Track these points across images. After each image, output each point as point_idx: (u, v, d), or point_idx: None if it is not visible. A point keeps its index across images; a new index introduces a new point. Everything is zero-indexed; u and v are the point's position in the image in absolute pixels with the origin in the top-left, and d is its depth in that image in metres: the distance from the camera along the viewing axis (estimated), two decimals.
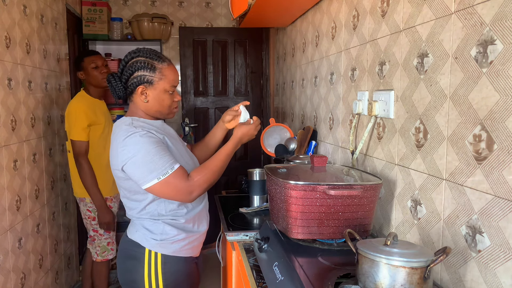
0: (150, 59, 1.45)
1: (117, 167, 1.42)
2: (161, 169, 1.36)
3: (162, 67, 1.46)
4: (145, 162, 1.36)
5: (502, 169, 0.90)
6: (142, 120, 1.48)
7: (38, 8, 2.47)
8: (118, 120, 1.51)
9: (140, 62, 1.44)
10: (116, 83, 1.46)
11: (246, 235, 1.64)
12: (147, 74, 1.44)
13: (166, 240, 1.48)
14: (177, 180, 1.38)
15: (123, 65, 1.46)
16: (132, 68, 1.44)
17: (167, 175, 1.37)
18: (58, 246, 2.74)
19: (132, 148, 1.37)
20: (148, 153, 1.36)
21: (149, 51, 1.48)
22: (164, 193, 1.40)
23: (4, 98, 1.99)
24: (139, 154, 1.36)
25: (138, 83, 1.44)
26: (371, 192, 1.25)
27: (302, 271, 1.08)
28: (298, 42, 2.65)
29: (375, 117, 1.49)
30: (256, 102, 4.08)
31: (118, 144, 1.40)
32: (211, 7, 4.06)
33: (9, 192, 2.03)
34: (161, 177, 1.36)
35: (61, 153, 2.86)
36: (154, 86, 1.45)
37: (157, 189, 1.39)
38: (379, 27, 1.48)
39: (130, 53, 1.47)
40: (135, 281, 1.49)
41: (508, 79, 0.88)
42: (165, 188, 1.38)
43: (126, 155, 1.38)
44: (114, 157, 1.43)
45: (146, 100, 1.46)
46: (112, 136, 1.47)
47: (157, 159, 1.36)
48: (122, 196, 1.53)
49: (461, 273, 1.04)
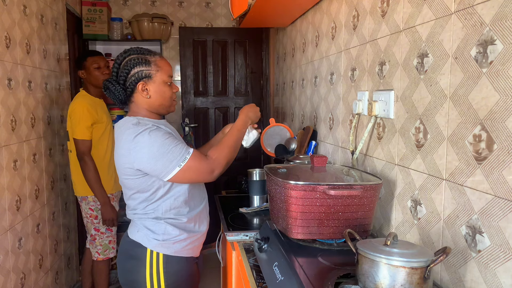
0: (142, 54, 1.47)
1: (129, 166, 1.42)
2: (179, 157, 1.40)
3: (155, 60, 1.48)
4: (162, 154, 1.38)
5: (502, 169, 0.90)
6: (147, 119, 1.48)
7: (38, 8, 2.47)
8: (122, 120, 1.51)
9: (134, 59, 1.45)
10: (114, 87, 1.45)
11: (246, 235, 1.64)
12: (144, 68, 1.45)
13: (168, 241, 1.49)
14: (197, 163, 1.43)
15: (117, 68, 1.46)
16: (128, 67, 1.44)
17: (186, 160, 1.41)
18: (58, 246, 2.74)
19: (145, 144, 1.38)
20: (163, 144, 1.39)
21: (138, 48, 1.49)
22: (187, 178, 1.44)
23: (4, 98, 1.99)
24: (154, 148, 1.38)
25: (137, 80, 1.45)
26: (371, 192, 1.25)
27: (302, 271, 1.08)
28: (298, 42, 2.65)
29: (375, 117, 1.49)
30: (256, 102, 4.07)
31: (129, 144, 1.40)
32: (211, 7, 4.06)
33: (9, 192, 2.03)
34: (182, 164, 1.40)
35: (61, 153, 2.86)
36: (153, 80, 1.47)
37: (181, 176, 1.42)
38: (379, 27, 1.48)
39: (120, 55, 1.48)
40: (136, 281, 1.49)
41: (508, 79, 0.88)
42: (188, 173, 1.42)
43: (140, 152, 1.39)
44: (124, 156, 1.43)
45: (148, 96, 1.47)
46: (118, 135, 1.47)
47: (172, 148, 1.39)
48: (127, 196, 1.52)
49: (461, 273, 1.04)
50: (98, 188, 2.42)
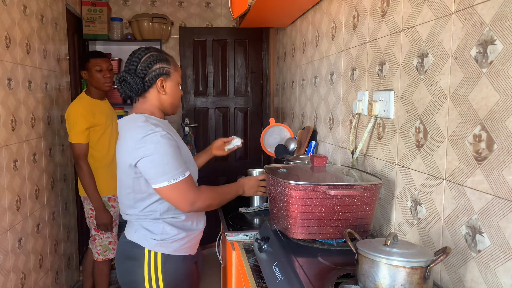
0: (161, 53, 1.53)
1: (130, 162, 1.42)
2: (173, 174, 1.40)
3: (173, 61, 1.56)
4: (161, 163, 1.39)
5: (502, 169, 0.90)
6: (153, 118, 1.49)
7: (38, 8, 2.47)
8: (128, 116, 1.52)
9: (156, 56, 1.50)
10: (133, 79, 1.47)
11: (246, 235, 1.64)
12: (165, 66, 1.51)
13: (166, 240, 1.49)
14: (186, 187, 1.43)
15: (137, 62, 1.48)
16: (150, 62, 1.48)
17: (177, 180, 1.40)
18: (58, 246, 2.74)
19: (152, 146, 1.39)
20: (166, 155, 1.39)
21: (157, 48, 1.56)
22: (170, 196, 1.43)
23: (4, 98, 1.99)
24: (157, 154, 1.39)
25: (158, 76, 1.50)
26: (371, 192, 1.25)
27: (302, 271, 1.08)
28: (298, 42, 2.65)
29: (375, 117, 1.49)
30: (256, 102, 4.08)
31: (137, 141, 1.40)
32: (211, 7, 4.06)
33: (9, 192, 2.03)
34: (172, 181, 1.40)
35: (61, 153, 2.86)
36: (171, 78, 1.53)
37: (165, 192, 1.42)
38: (379, 27, 1.48)
39: (141, 50, 1.51)
40: (135, 282, 1.49)
41: (508, 79, 0.88)
42: (173, 192, 1.42)
43: (143, 152, 1.39)
44: (127, 152, 1.43)
45: (164, 92, 1.52)
46: (124, 132, 1.48)
47: (172, 162, 1.40)
48: (126, 196, 1.52)
49: (461, 273, 1.04)
50: (92, 193, 2.42)
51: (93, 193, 2.42)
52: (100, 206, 2.44)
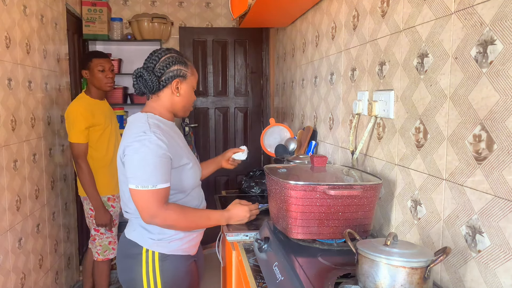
0: (181, 56, 1.55)
1: (120, 157, 1.46)
2: (150, 181, 1.39)
3: (191, 66, 1.57)
4: (137, 166, 1.40)
5: (502, 169, 0.90)
6: (157, 117, 1.51)
7: (38, 8, 2.47)
8: (134, 115, 1.56)
9: (176, 58, 1.52)
10: (150, 76, 1.48)
11: (246, 235, 1.64)
12: (183, 68, 1.53)
13: (163, 240, 1.50)
14: (153, 199, 1.40)
15: (156, 61, 1.50)
16: (169, 62, 1.50)
17: (144, 188, 1.39)
18: (58, 246, 2.74)
19: (136, 147, 1.40)
20: (144, 160, 1.39)
21: (177, 51, 1.58)
22: (135, 200, 1.43)
23: (4, 98, 1.99)
24: (136, 156, 1.40)
25: (174, 77, 1.51)
26: (371, 192, 1.25)
27: (302, 271, 1.08)
28: (298, 42, 2.65)
29: (375, 117, 1.49)
30: (256, 102, 4.08)
31: (128, 139, 1.44)
32: (211, 7, 4.06)
33: (9, 192, 2.03)
34: (139, 187, 1.39)
35: (61, 153, 2.86)
36: (187, 81, 1.55)
37: (132, 194, 1.43)
38: (379, 27, 1.48)
39: (161, 51, 1.53)
40: (134, 280, 1.50)
41: (508, 79, 0.88)
42: (137, 198, 1.41)
43: (129, 150, 1.42)
44: (120, 148, 1.47)
45: (178, 94, 1.53)
46: (126, 129, 1.52)
47: (147, 170, 1.39)
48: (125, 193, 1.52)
49: (461, 273, 1.04)
50: (91, 192, 2.42)
51: (93, 192, 2.42)
52: (99, 206, 2.44)
